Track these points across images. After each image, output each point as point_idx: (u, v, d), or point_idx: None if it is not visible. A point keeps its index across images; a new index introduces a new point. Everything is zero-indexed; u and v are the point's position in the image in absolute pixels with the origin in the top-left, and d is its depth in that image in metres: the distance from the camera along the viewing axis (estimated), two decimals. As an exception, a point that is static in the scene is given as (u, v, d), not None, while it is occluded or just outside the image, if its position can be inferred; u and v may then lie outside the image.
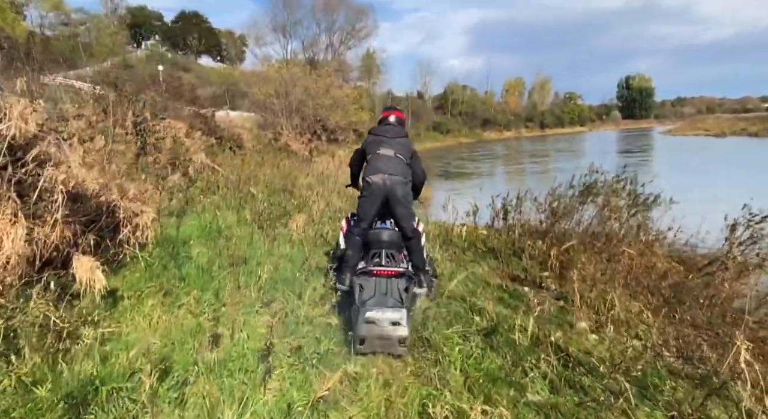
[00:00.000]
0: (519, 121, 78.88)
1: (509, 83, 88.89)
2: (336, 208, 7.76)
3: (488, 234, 6.36)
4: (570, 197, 5.44)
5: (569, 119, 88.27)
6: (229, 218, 5.60)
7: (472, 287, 4.37)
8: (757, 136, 33.30)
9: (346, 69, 40.64)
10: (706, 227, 4.75)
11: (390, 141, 3.39)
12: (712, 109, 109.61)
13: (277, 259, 4.52)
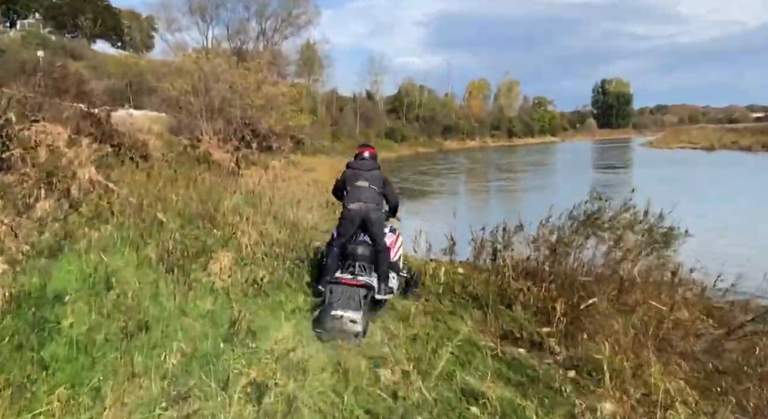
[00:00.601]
0: (484, 128, 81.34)
1: (473, 85, 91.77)
2: (273, 239, 7.20)
3: (468, 274, 6.05)
4: (570, 231, 5.21)
5: (540, 128, 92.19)
6: (126, 259, 4.91)
7: (458, 354, 3.97)
8: (750, 150, 35.69)
9: (282, 62, 40.04)
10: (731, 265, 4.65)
11: (365, 174, 4.93)
12: (696, 118, 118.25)
13: (193, 321, 3.93)
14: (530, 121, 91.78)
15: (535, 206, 14.35)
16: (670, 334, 3.81)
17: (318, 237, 8.61)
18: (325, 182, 20.77)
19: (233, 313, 4.19)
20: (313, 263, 6.30)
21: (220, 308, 4.34)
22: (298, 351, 3.67)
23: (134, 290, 4.13)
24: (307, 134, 29.63)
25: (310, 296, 5.07)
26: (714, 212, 11.89)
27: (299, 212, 10.85)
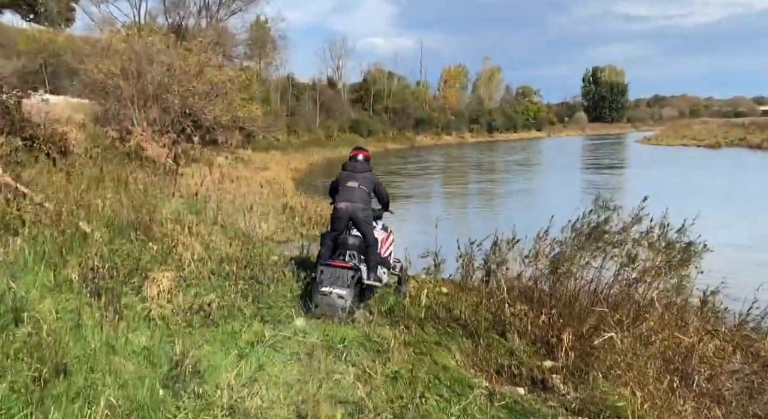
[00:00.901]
0: (461, 122, 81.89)
1: (448, 72, 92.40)
2: (221, 254, 6.96)
3: (454, 295, 5.95)
4: (573, 246, 5.16)
5: (524, 121, 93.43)
6: (40, 282, 4.61)
7: (447, 396, 3.84)
8: (760, 148, 36.88)
9: (229, 42, 39.28)
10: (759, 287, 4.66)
11: (357, 175, 5.91)
12: (697, 111, 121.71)
13: (125, 361, 3.67)
14: (513, 114, 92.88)
15: (524, 213, 14.55)
16: (697, 371, 3.76)
17: (276, 250, 8.39)
18: (281, 182, 20.47)
19: (175, 349, 3.96)
20: (271, 282, 6.11)
21: (159, 343, 4.10)
22: (256, 398, 3.48)
23: (50, 322, 3.85)
24: (258, 126, 29.17)
25: (270, 324, 4.87)
26: (736, 223, 12.16)
27: (252, 220, 10.60)
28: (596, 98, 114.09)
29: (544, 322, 4.77)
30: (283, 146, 40.76)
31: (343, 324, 4.99)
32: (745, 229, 11.63)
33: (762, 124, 56.27)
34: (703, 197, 15.77)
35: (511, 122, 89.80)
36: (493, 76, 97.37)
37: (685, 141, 48.61)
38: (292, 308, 5.29)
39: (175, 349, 3.95)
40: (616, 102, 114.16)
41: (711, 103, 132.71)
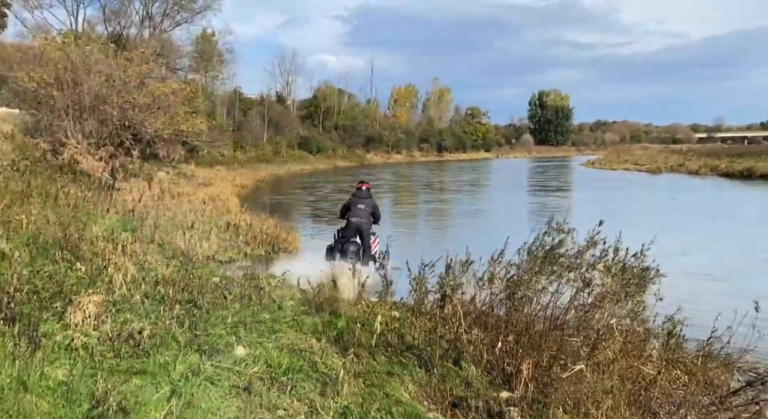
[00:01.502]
0: (411, 141, 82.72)
1: (398, 92, 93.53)
2: (157, 275, 6.54)
3: (407, 320, 5.75)
4: (529, 269, 5.04)
5: (473, 142, 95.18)
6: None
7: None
8: (698, 173, 38.68)
9: (173, 54, 38.46)
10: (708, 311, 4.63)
11: (362, 200, 8.82)
12: (638, 137, 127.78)
13: (38, 399, 3.29)
14: (463, 134, 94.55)
15: (477, 234, 14.55)
16: (658, 404, 3.67)
17: (217, 271, 8.00)
18: (226, 199, 19.92)
19: (98, 384, 3.59)
20: (211, 306, 5.75)
21: (80, 376, 3.71)
22: (189, 440, 3.15)
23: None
24: (203, 140, 28.52)
25: (208, 353, 4.52)
26: (693, 249, 12.46)
27: (192, 239, 10.15)
28: (542, 121, 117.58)
29: (500, 349, 4.61)
30: (229, 161, 40.00)
31: (291, 353, 4.70)
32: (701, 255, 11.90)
33: (698, 151, 60.19)
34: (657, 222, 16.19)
35: (461, 143, 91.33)
36: (442, 97, 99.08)
37: (627, 165, 50.50)
38: (233, 335, 4.94)
39: (99, 384, 3.58)
40: (561, 126, 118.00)
41: (650, 129, 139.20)
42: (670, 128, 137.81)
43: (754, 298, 3.91)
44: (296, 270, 7.56)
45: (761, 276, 9.77)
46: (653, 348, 4.35)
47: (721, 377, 4.03)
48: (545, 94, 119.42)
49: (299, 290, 6.94)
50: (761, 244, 12.99)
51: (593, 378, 3.87)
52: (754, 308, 3.89)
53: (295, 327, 5.46)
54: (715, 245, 13.18)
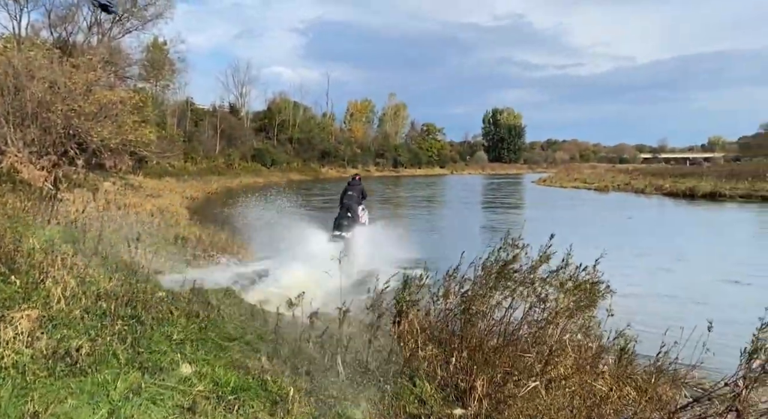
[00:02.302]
0: (367, 155, 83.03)
1: (354, 106, 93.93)
2: (99, 289, 6.26)
3: (360, 336, 5.65)
4: (483, 285, 5.05)
5: (428, 158, 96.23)
6: None
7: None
8: (643, 192, 40.06)
9: (122, 61, 37.53)
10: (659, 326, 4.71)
11: (353, 188, 13.30)
12: (587, 156, 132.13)
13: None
14: (418, 150, 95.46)
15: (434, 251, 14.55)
16: (611, 419, 3.69)
17: (163, 285, 7.72)
18: (175, 211, 19.44)
19: (28, 405, 3.37)
20: (155, 322, 5.52)
21: (9, 398, 3.48)
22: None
23: None
24: (152, 150, 27.82)
25: (150, 371, 4.32)
26: (647, 266, 12.75)
27: (139, 252, 9.80)
28: (496, 139, 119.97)
29: (454, 366, 4.57)
30: (179, 172, 39.23)
31: (239, 371, 4.54)
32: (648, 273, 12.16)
33: (644, 171, 63.35)
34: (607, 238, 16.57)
35: (416, 158, 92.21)
36: (398, 112, 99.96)
37: (577, 183, 51.95)
38: (178, 352, 4.74)
39: (30, 405, 3.36)
40: (514, 144, 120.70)
41: (599, 148, 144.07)
42: (617, 147, 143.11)
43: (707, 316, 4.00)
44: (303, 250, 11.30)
45: (718, 295, 10.07)
46: (605, 364, 4.39)
47: (670, 393, 4.09)
48: (498, 112, 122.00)
49: (249, 305, 6.78)
50: (720, 263, 13.46)
51: (547, 395, 3.86)
52: (707, 328, 3.96)
53: (244, 344, 5.29)
54: (679, 264, 13.47)
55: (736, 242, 17.31)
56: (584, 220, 24.48)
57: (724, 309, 8.58)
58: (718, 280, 11.41)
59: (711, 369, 4.91)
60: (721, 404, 3.48)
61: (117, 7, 26.25)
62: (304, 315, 5.96)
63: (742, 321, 4.10)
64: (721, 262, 13.61)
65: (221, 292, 7.23)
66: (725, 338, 4.26)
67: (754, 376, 3.18)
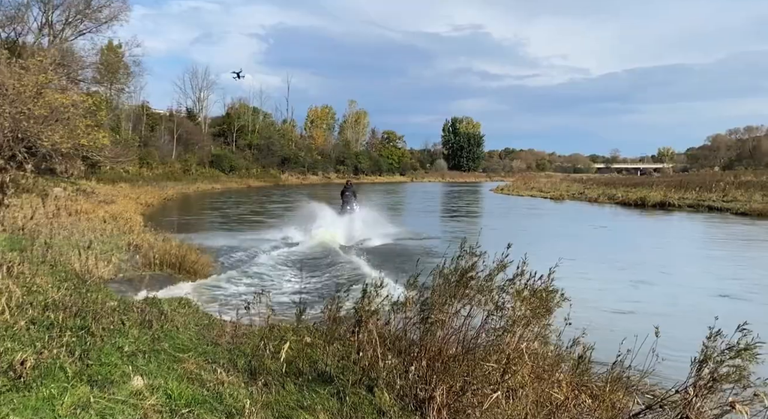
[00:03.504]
0: (328, 162, 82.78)
1: (315, 113, 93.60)
2: (47, 299, 6.02)
3: (319, 345, 5.58)
4: (443, 294, 5.04)
5: (388, 166, 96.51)
6: None
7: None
8: (597, 201, 41.07)
9: (75, 64, 36.43)
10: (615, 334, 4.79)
11: (348, 189, 23.08)
12: (543, 165, 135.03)
13: None
14: (379, 157, 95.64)
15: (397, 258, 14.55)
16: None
17: (115, 295, 7.49)
18: (129, 217, 18.93)
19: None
20: (106, 333, 5.33)
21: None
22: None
23: None
24: (105, 155, 27.11)
25: (100, 385, 4.16)
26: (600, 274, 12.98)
27: (90, 260, 9.50)
28: (455, 147, 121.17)
29: (414, 375, 4.54)
30: (134, 178, 38.37)
31: (194, 383, 4.42)
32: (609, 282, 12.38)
33: (597, 180, 64.75)
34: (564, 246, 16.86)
35: (377, 166, 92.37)
36: (359, 120, 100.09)
37: (534, 192, 52.93)
38: (129, 364, 4.59)
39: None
40: (473, 152, 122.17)
41: (554, 158, 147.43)
42: (571, 157, 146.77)
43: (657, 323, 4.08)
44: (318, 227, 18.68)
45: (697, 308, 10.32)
46: (563, 372, 4.44)
47: (624, 400, 4.15)
48: (458, 121, 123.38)
49: (205, 315, 6.63)
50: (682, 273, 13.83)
51: (506, 404, 3.88)
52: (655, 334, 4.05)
53: (199, 355, 5.16)
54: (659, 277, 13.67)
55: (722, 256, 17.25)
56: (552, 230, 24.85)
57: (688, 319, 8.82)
58: (702, 293, 11.58)
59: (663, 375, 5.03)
60: (672, 411, 3.54)
61: (243, 73, 27.66)
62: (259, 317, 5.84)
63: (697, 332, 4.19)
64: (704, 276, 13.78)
65: (176, 301, 7.03)
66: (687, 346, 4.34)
67: (704, 384, 3.25)
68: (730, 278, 12.93)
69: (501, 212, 35.49)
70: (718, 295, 11.09)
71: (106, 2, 40.38)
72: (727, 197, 34.37)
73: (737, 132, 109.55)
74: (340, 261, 13.91)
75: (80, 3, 39.33)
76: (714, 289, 11.64)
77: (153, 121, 55.66)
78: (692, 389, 3.29)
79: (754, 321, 3.51)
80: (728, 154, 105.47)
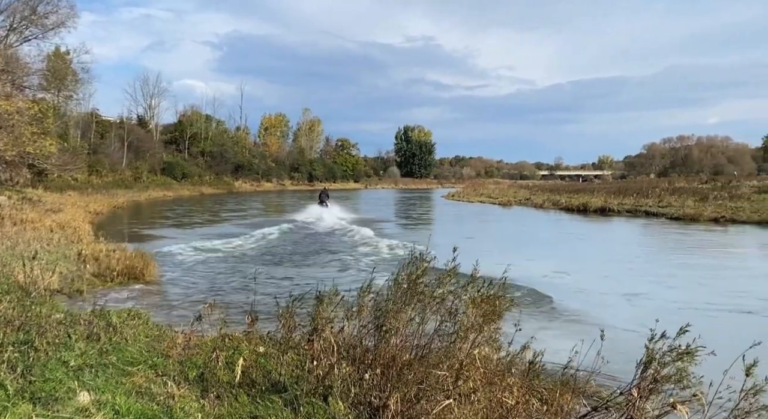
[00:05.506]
0: (282, 169, 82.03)
1: (268, 120, 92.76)
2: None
3: (272, 355, 5.45)
4: (397, 301, 4.99)
5: (343, 172, 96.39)
6: None
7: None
8: (542, 207, 41.92)
9: (20, 71, 34.97)
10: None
11: (324, 193, 36.41)
12: (491, 172, 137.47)
13: None
14: (333, 164, 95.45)
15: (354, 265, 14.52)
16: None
17: (61, 307, 7.17)
18: (77, 227, 18.24)
19: None
20: (50, 347, 5.07)
21: None
22: None
23: None
24: (53, 163, 26.09)
25: (43, 402, 3.94)
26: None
27: (36, 271, 9.08)
28: (408, 155, 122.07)
29: (368, 383, 4.48)
30: (83, 186, 37.08)
31: (143, 397, 4.24)
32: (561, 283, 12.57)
33: (542, 187, 66.87)
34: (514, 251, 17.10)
35: (331, 173, 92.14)
36: (313, 127, 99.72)
37: (483, 198, 53.67)
38: (75, 380, 4.37)
39: None
40: (425, 160, 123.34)
41: (502, 165, 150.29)
42: (518, 165, 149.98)
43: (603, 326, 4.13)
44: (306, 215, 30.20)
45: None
46: (513, 377, 4.45)
47: (571, 403, 4.19)
48: (410, 129, 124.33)
49: (155, 326, 6.40)
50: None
51: (458, 410, 3.85)
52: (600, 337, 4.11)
53: (149, 368, 4.96)
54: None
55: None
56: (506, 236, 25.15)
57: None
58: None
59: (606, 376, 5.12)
60: (617, 412, 3.59)
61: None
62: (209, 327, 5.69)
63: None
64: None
65: (125, 313, 6.76)
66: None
67: (646, 386, 3.30)
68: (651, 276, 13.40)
69: (451, 219, 35.84)
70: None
71: (53, 9, 38.97)
72: (662, 203, 35.48)
73: (671, 141, 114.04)
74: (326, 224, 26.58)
75: (25, 9, 37.87)
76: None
77: (103, 128, 53.99)
78: (636, 390, 3.34)
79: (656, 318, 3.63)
80: (662, 162, 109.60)
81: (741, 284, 12.39)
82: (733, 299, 10.85)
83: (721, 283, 12.65)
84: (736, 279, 13.15)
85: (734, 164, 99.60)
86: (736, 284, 12.40)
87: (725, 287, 12.10)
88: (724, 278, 13.29)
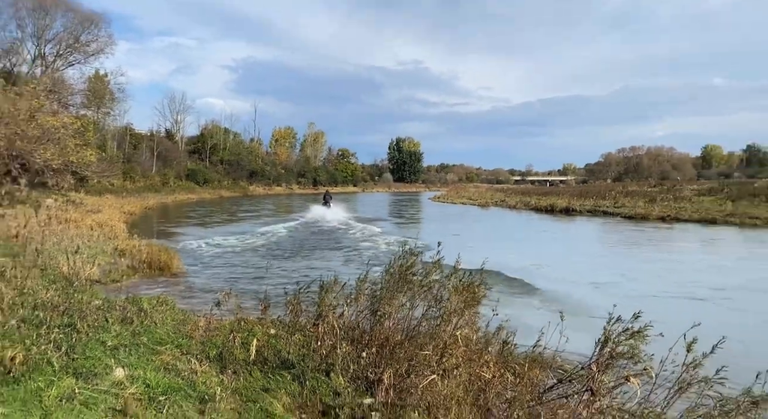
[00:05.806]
0: (290, 175, 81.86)
1: (278, 133, 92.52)
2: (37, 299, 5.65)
3: (283, 337, 5.44)
4: (390, 288, 4.99)
5: (343, 178, 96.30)
6: None
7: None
8: (515, 208, 42.01)
9: (65, 91, 34.75)
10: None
11: (328, 195, 34.84)
12: (472, 178, 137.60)
13: None
14: (334, 171, 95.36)
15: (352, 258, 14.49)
16: (494, 404, 3.74)
17: (100, 294, 7.13)
18: (114, 225, 18.13)
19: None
20: (90, 329, 5.04)
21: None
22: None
23: None
24: (93, 170, 25.94)
25: (84, 377, 3.91)
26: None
27: (78, 263, 9.02)
28: (399, 163, 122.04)
29: (365, 360, 4.48)
30: (118, 190, 36.81)
31: (170, 373, 4.23)
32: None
33: (515, 190, 67.24)
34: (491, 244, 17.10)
35: (333, 178, 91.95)
36: (317, 139, 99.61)
37: (464, 200, 53.68)
38: (111, 357, 4.35)
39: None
40: (414, 167, 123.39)
41: (481, 172, 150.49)
42: (494, 171, 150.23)
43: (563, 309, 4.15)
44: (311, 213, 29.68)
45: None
46: (490, 354, 4.46)
47: (540, 376, 4.20)
48: (401, 140, 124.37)
49: (180, 311, 6.37)
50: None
51: (442, 384, 3.86)
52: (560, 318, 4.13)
53: (175, 348, 4.94)
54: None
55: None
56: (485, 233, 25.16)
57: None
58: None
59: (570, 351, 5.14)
60: (579, 384, 3.61)
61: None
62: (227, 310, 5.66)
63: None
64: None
65: (155, 299, 6.73)
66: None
67: (604, 361, 3.32)
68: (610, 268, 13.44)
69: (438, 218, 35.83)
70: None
71: (93, 38, 38.92)
72: (618, 204, 35.59)
73: (624, 151, 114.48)
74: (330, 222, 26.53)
75: (70, 38, 37.77)
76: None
77: (136, 140, 53.75)
78: (595, 366, 3.36)
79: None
80: (618, 168, 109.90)
81: (689, 276, 12.42)
82: (683, 288, 10.89)
83: (672, 276, 12.64)
84: (685, 272, 13.16)
85: (678, 170, 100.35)
86: (686, 276, 12.43)
87: (676, 279, 12.11)
88: (675, 271, 13.28)
